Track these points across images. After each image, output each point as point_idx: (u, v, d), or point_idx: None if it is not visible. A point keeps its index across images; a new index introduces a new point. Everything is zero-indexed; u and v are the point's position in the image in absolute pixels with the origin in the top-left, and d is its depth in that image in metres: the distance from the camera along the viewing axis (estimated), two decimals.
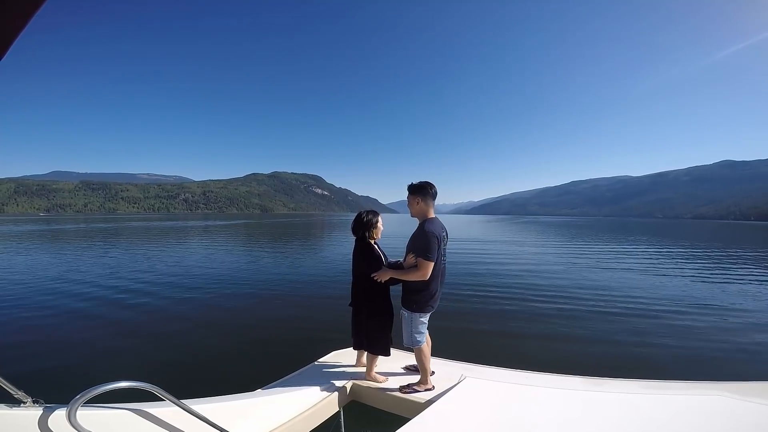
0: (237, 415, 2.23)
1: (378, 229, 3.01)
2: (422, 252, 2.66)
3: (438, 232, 2.72)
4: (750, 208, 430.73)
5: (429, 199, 2.86)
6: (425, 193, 2.85)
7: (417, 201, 2.87)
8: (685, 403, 2.37)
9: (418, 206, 2.88)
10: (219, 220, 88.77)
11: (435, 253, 2.66)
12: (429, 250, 2.65)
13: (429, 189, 2.86)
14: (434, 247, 2.66)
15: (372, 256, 2.93)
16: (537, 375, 3.04)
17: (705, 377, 3.75)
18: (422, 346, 2.84)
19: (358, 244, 3.00)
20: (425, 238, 2.68)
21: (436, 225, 2.78)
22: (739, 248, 25.31)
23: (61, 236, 30.49)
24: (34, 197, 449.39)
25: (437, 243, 2.68)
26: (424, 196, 2.85)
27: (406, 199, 2.96)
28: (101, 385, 1.40)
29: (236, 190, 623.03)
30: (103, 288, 10.02)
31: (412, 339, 2.83)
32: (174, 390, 1.67)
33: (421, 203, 2.86)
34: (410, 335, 2.83)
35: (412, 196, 2.90)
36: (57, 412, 1.45)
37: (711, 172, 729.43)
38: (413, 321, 2.81)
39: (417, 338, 2.82)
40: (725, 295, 9.92)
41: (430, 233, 2.68)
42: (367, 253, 2.94)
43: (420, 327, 2.82)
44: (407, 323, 2.84)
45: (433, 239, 2.66)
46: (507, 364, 3.29)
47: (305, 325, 6.95)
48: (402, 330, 2.91)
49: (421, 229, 2.77)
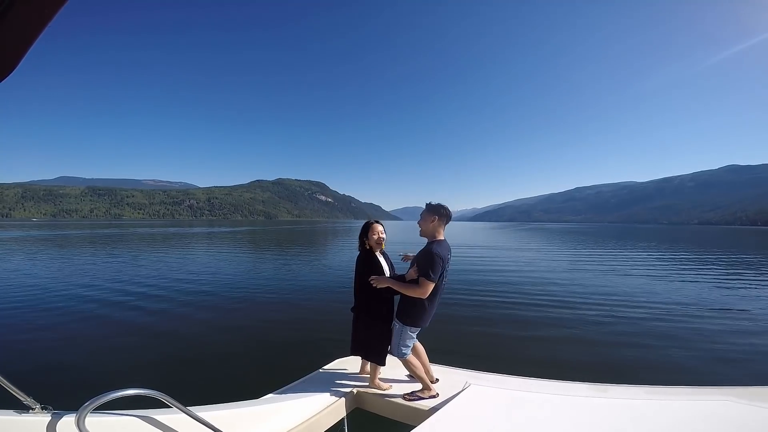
0: (242, 422, 2.26)
1: (375, 237, 3.03)
2: (425, 271, 2.70)
3: (444, 255, 2.77)
4: (757, 213, 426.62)
5: (444, 221, 2.92)
6: (441, 215, 2.89)
7: (433, 220, 2.90)
8: (692, 409, 2.32)
9: (431, 226, 2.91)
10: (224, 226, 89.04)
11: (437, 275, 2.71)
12: (433, 270, 2.68)
13: (445, 212, 2.91)
14: (438, 269, 2.70)
15: (365, 263, 2.97)
16: (542, 382, 3.02)
17: (712, 382, 3.66)
18: (408, 358, 2.89)
19: (359, 251, 3.11)
20: (432, 258, 2.71)
21: (443, 247, 2.83)
22: (747, 253, 24.89)
23: (64, 242, 30.72)
24: (40, 202, 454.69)
25: (442, 265, 2.73)
26: (441, 218, 2.90)
27: (420, 215, 2.97)
28: (109, 393, 1.42)
29: (240, 196, 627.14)
30: (109, 294, 9.99)
31: (398, 350, 2.89)
32: (181, 396, 1.68)
33: (436, 223, 2.90)
34: (397, 346, 2.89)
35: (429, 214, 2.92)
36: (65, 418, 1.47)
37: (717, 177, 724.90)
38: (402, 333, 2.86)
39: (403, 350, 2.87)
40: (734, 299, 9.78)
41: (438, 255, 2.72)
42: (364, 260, 2.99)
43: (407, 341, 2.88)
44: (397, 334, 2.91)
45: (439, 261, 2.71)
46: (512, 371, 3.27)
47: (310, 331, 6.94)
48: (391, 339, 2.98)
49: (429, 249, 2.80)
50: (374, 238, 3.02)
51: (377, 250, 3.07)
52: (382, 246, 3.10)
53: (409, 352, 2.91)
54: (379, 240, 3.04)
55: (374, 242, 3.02)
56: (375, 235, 3.02)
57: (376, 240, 3.02)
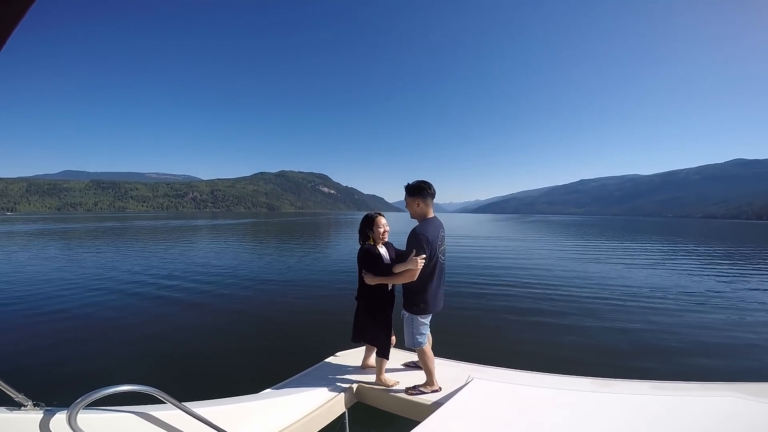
0: (241, 417, 2.22)
1: (380, 231, 2.98)
2: (410, 254, 2.66)
3: (428, 233, 2.68)
4: (763, 208, 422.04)
5: (429, 200, 2.79)
6: (424, 194, 2.77)
7: (417, 203, 2.80)
8: (697, 404, 2.29)
9: (418, 208, 2.81)
10: (227, 219, 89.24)
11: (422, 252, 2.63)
12: (418, 251, 2.63)
13: (427, 189, 2.77)
14: (423, 249, 2.62)
15: (363, 257, 2.93)
16: (545, 376, 2.98)
17: (718, 378, 3.62)
18: (424, 347, 2.79)
19: (360, 244, 3.05)
20: (416, 240, 2.64)
21: (429, 225, 2.74)
22: (755, 247, 24.77)
23: (68, 235, 30.93)
24: (45, 196, 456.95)
25: (428, 244, 2.64)
26: (424, 197, 2.78)
27: (404, 200, 2.89)
28: (102, 389, 1.41)
29: (244, 188, 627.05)
30: (104, 288, 9.88)
31: (413, 340, 2.79)
32: (178, 392, 1.65)
33: (422, 204, 2.79)
34: (411, 336, 2.79)
35: (411, 198, 2.82)
36: (57, 415, 1.45)
37: (723, 171, 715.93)
38: (414, 322, 2.77)
39: (418, 339, 2.77)
40: (741, 294, 9.72)
41: (421, 234, 2.65)
42: (365, 254, 2.94)
43: (421, 328, 2.78)
44: (408, 324, 2.81)
45: (424, 240, 2.63)
46: (514, 365, 3.24)
47: (310, 324, 6.89)
48: (403, 331, 2.88)
49: (414, 230, 2.71)
50: (379, 232, 2.97)
51: (379, 243, 3.02)
52: (386, 239, 3.06)
53: (425, 341, 2.81)
54: (384, 234, 3.01)
55: (378, 236, 2.98)
56: (380, 229, 2.97)
57: (381, 234, 2.98)
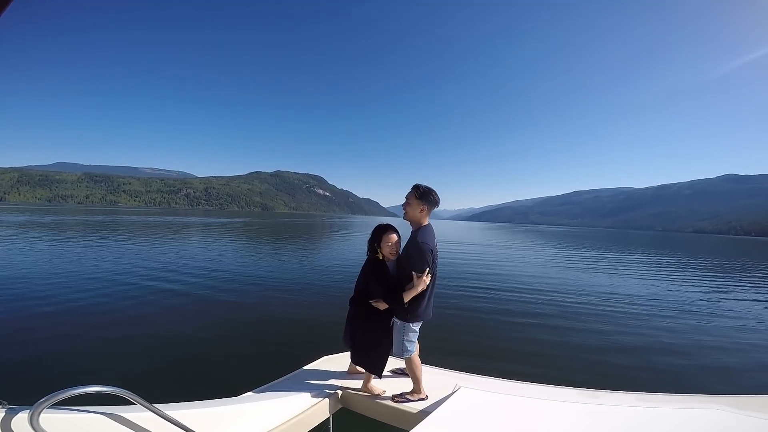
0: (219, 421, 2.14)
1: (390, 246, 2.84)
2: (419, 267, 2.62)
3: (432, 245, 2.68)
4: (751, 224, 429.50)
5: (431, 208, 2.76)
6: (431, 202, 2.74)
7: (422, 208, 2.74)
8: (683, 416, 2.31)
9: (420, 213, 2.75)
10: (219, 217, 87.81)
11: (428, 267, 2.65)
12: (423, 264, 2.61)
13: (435, 198, 2.74)
14: (428, 261, 2.62)
15: (374, 272, 2.79)
16: (533, 386, 2.96)
17: (703, 390, 3.63)
18: (413, 356, 2.78)
19: (367, 257, 2.92)
20: (420, 253, 2.61)
21: (429, 236, 2.71)
22: (743, 263, 25.13)
23: (50, 228, 30.47)
24: (36, 187, 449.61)
25: (431, 257, 2.64)
26: (429, 205, 2.74)
27: (406, 198, 2.79)
28: (68, 389, 1.36)
29: (238, 187, 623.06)
30: (81, 285, 9.45)
31: (402, 348, 2.76)
32: (153, 394, 1.62)
33: (425, 211, 2.75)
34: (400, 344, 2.76)
35: (418, 201, 2.73)
36: (20, 414, 1.40)
37: (714, 186, 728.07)
38: (405, 330, 2.75)
39: (408, 347, 2.75)
40: (728, 310, 9.93)
41: (425, 247, 2.62)
42: (371, 270, 2.81)
43: (411, 336, 2.76)
44: (399, 332, 2.78)
45: (428, 254, 2.62)
46: (502, 375, 3.21)
47: (295, 328, 6.80)
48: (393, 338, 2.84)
49: (415, 241, 2.66)
50: (388, 247, 2.84)
51: (388, 260, 2.88)
52: (392, 258, 2.91)
53: (414, 350, 2.79)
54: (394, 251, 2.89)
55: (387, 252, 2.85)
56: (389, 244, 2.84)
57: (389, 251, 2.86)
